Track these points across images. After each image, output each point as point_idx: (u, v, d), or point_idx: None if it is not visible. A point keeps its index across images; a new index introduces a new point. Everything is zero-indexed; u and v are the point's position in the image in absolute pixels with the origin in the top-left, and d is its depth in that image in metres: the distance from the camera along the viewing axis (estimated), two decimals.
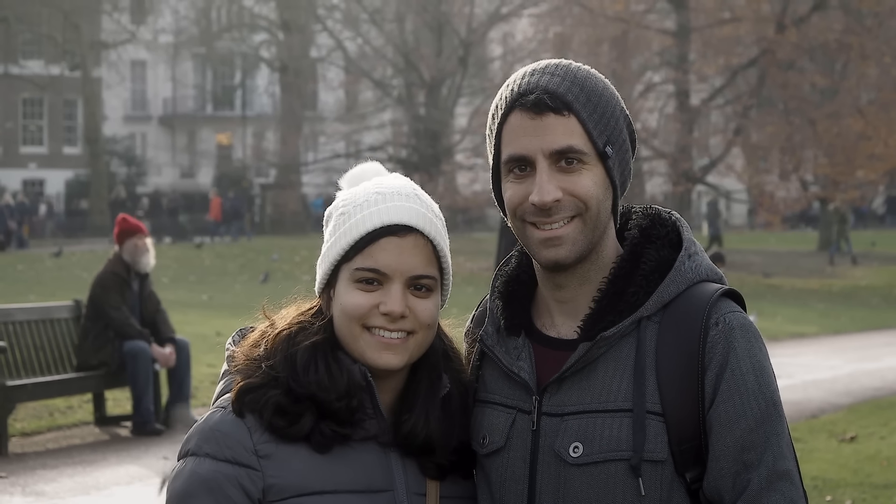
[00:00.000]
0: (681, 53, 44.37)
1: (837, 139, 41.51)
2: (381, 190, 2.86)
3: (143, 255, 13.40)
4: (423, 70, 54.51)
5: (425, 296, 2.84)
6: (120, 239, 13.48)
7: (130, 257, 13.36)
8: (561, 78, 2.77)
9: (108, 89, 68.69)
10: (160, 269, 40.06)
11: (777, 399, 2.73)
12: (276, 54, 63.38)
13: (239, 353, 2.89)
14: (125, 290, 13.37)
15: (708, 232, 46.24)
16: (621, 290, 2.77)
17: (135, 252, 13.35)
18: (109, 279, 13.39)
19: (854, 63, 42.49)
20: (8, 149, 71.14)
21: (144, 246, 13.41)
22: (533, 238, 2.77)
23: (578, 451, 2.71)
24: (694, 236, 2.88)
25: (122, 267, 13.40)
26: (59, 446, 12.74)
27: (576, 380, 2.76)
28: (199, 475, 2.74)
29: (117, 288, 13.30)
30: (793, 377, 18.11)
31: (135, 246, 13.36)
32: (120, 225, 13.65)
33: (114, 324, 13.29)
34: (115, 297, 13.27)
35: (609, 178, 2.78)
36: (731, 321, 2.73)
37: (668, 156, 43.97)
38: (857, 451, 12.77)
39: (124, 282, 13.38)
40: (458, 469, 2.90)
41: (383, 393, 2.85)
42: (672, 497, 2.70)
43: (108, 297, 13.28)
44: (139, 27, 63.66)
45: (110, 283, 13.35)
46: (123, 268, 13.39)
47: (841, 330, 26.25)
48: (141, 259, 13.40)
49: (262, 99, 74.52)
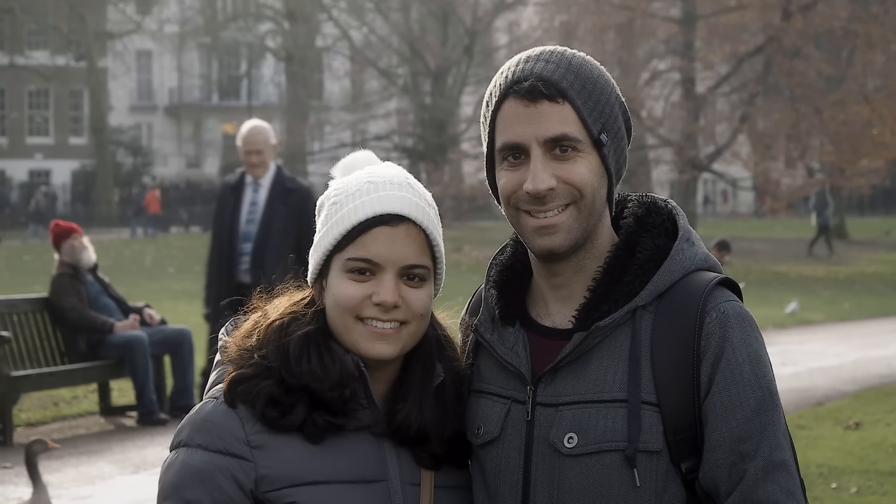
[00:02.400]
0: (686, 41, 44.27)
1: (843, 127, 41.39)
2: (373, 179, 2.84)
3: (81, 253, 13.56)
4: (429, 59, 54.48)
5: (418, 285, 2.82)
6: (56, 243, 13.59)
7: (70, 258, 13.47)
8: (555, 65, 2.74)
9: (114, 79, 68.77)
10: (166, 258, 40.20)
11: (773, 389, 2.70)
12: (281, 44, 63.36)
13: (231, 343, 2.88)
14: (80, 287, 13.50)
15: (816, 222, 45.85)
16: (616, 279, 2.75)
17: (73, 252, 13.49)
18: (59, 283, 13.58)
19: (860, 50, 42.35)
20: (14, 139, 71.18)
21: (81, 245, 13.58)
22: (527, 226, 2.75)
23: (573, 441, 2.69)
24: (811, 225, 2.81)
25: (68, 268, 13.53)
26: (64, 436, 12.74)
27: (571, 370, 2.74)
28: (191, 466, 2.73)
29: (70, 288, 13.47)
30: (798, 364, 18.09)
31: (72, 247, 13.51)
32: (53, 231, 13.82)
33: (73, 324, 13.48)
34: (70, 298, 13.44)
35: (604, 166, 2.75)
36: (726, 310, 2.70)
37: (674, 144, 43.89)
38: (862, 439, 12.74)
39: (75, 279, 13.50)
40: (452, 459, 2.88)
41: (377, 383, 2.83)
42: (667, 488, 2.68)
43: (62, 300, 13.45)
44: (144, 17, 63.70)
45: (61, 287, 13.51)
46: (70, 268, 13.52)
47: (847, 317, 26.20)
48: (81, 257, 13.55)
49: (268, 88, 74.49)
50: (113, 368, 13.65)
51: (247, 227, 10.78)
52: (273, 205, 10.77)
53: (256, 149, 10.91)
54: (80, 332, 13.53)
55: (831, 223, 46.89)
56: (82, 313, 13.38)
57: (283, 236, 10.61)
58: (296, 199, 10.73)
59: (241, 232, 10.79)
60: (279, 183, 10.92)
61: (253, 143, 10.92)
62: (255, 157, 10.90)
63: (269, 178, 10.97)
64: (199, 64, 78.59)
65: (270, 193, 10.86)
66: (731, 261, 24.44)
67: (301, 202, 10.64)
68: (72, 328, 13.56)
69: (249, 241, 10.73)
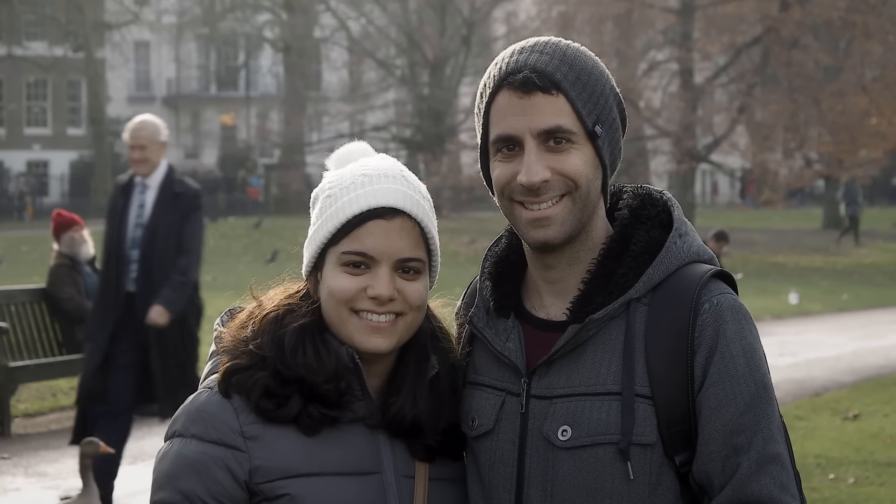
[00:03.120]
0: (684, 32, 44.22)
1: (841, 117, 41.40)
2: (367, 172, 2.84)
3: (80, 246, 13.51)
4: (427, 50, 54.42)
5: (413, 278, 2.81)
6: (57, 233, 13.55)
7: (69, 249, 13.43)
8: (549, 56, 2.73)
9: (112, 70, 68.65)
10: None
11: (767, 382, 2.69)
12: (279, 35, 63.31)
13: (226, 333, 2.88)
14: (77, 278, 13.48)
15: (846, 212, 45.73)
16: (611, 271, 2.74)
17: (72, 244, 13.44)
18: (56, 274, 13.54)
19: (858, 41, 42.32)
20: (12, 130, 71.07)
21: (81, 237, 13.53)
22: (521, 218, 2.74)
23: (567, 434, 2.69)
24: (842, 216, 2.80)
25: (65, 259, 13.50)
26: (61, 427, 12.74)
27: (565, 362, 2.73)
28: (185, 456, 2.73)
29: (68, 279, 13.44)
30: (796, 355, 18.11)
31: (72, 239, 13.45)
32: (55, 220, 13.75)
33: (70, 314, 13.49)
34: (68, 289, 13.42)
35: (599, 158, 2.74)
36: (721, 303, 2.69)
37: (672, 134, 43.87)
38: (860, 429, 12.76)
39: (73, 270, 13.48)
40: (447, 451, 2.88)
41: (371, 375, 2.83)
42: (661, 481, 2.67)
43: (60, 290, 13.44)
44: (142, 8, 63.53)
45: (59, 277, 13.49)
46: (68, 259, 13.49)
47: (845, 308, 26.22)
48: (80, 250, 13.50)
49: (266, 79, 74.40)
50: None
51: (135, 232, 10.02)
52: (160, 209, 10.00)
53: (139, 144, 10.08)
54: (77, 322, 13.52)
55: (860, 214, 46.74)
56: (80, 304, 13.38)
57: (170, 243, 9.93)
58: (182, 204, 10.00)
59: (129, 237, 10.03)
60: (167, 185, 10.09)
61: (137, 139, 10.12)
62: (138, 153, 10.07)
63: (157, 178, 10.12)
64: (197, 55, 78.45)
65: (158, 197, 10.05)
66: (728, 251, 24.46)
67: (187, 207, 9.99)
68: (69, 319, 13.56)
69: (137, 247, 10.00)
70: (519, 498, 2.75)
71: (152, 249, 9.87)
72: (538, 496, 2.73)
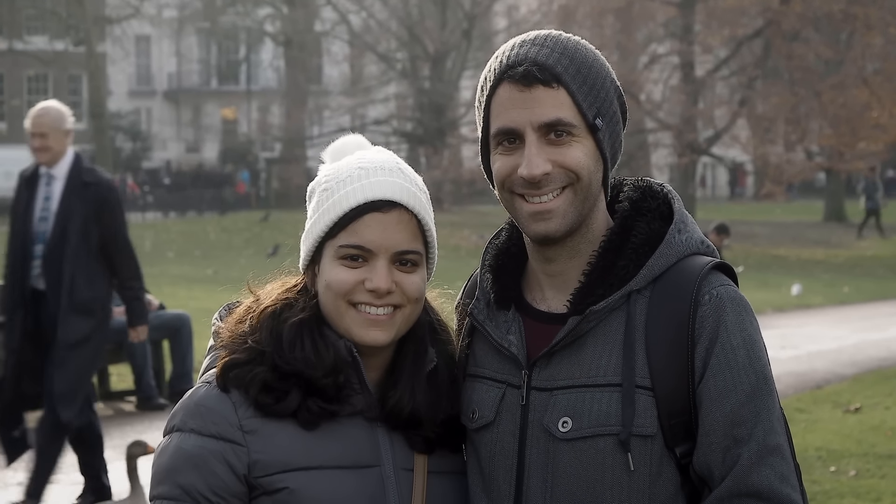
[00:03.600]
0: (685, 24, 44.24)
1: (842, 110, 41.39)
2: (363, 165, 2.84)
3: None
4: (428, 43, 54.42)
5: (411, 270, 2.81)
6: None
7: None
8: (550, 49, 2.73)
9: (113, 64, 68.65)
10: (165, 243, 40.22)
11: (768, 373, 2.69)
12: (280, 28, 63.30)
13: (224, 328, 2.88)
14: None
15: (865, 205, 45.69)
16: (611, 263, 2.74)
17: None
18: None
19: (859, 34, 42.30)
20: (13, 125, 71.00)
21: None
22: (522, 211, 2.74)
23: (567, 425, 2.69)
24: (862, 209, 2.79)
25: None
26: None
27: (565, 354, 2.74)
28: (184, 451, 2.73)
29: None
30: (798, 348, 18.10)
31: None
32: None
33: None
34: None
35: (599, 151, 2.74)
36: (721, 294, 2.69)
37: (673, 127, 43.90)
38: (861, 422, 12.76)
39: None
40: (446, 443, 2.88)
41: (370, 368, 2.83)
42: (662, 472, 2.67)
43: None
44: (143, 2, 63.47)
45: None
46: None
47: (846, 300, 26.21)
48: None
49: (267, 73, 74.40)
50: (111, 353, 13.62)
51: (39, 226, 9.39)
52: (69, 201, 9.33)
53: (40, 131, 9.45)
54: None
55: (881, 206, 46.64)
56: None
57: (82, 237, 9.28)
58: (93, 195, 9.36)
59: (33, 231, 9.40)
60: (75, 175, 9.42)
61: (37, 126, 9.49)
62: (38, 141, 9.45)
63: (63, 169, 9.46)
64: (197, 49, 78.45)
65: (66, 188, 9.39)
66: (730, 244, 24.45)
67: (100, 198, 9.38)
68: None
69: (41, 242, 9.37)
70: (519, 490, 2.75)
71: (62, 243, 9.29)
72: (539, 488, 2.73)
